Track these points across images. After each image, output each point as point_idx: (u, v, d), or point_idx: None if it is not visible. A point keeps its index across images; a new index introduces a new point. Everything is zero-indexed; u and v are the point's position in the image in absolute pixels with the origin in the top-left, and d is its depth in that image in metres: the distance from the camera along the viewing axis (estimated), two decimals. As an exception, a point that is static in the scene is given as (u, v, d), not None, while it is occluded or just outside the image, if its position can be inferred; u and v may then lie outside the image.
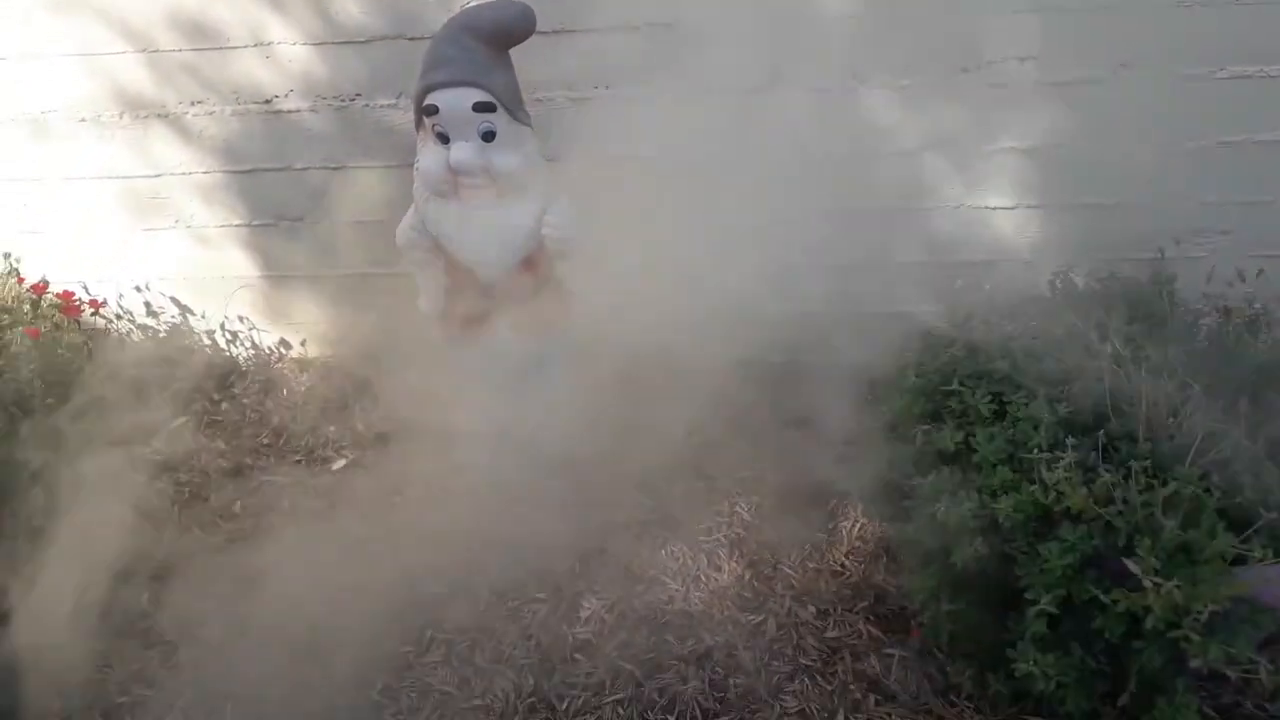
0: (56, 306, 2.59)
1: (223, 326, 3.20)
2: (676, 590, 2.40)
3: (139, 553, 2.59)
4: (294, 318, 3.18)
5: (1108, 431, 1.93)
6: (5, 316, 2.48)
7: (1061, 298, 2.29)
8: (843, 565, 2.43)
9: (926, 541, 1.93)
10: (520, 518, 2.63)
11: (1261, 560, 1.69)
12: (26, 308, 2.54)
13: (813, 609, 2.33)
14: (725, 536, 2.53)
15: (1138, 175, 2.61)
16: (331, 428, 2.96)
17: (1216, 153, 2.61)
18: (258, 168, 2.92)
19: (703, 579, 2.43)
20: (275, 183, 2.94)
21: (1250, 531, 1.71)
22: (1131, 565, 1.73)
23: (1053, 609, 1.78)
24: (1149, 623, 1.71)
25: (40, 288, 2.56)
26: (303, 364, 3.22)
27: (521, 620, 2.35)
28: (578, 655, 2.26)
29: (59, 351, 2.49)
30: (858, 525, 2.52)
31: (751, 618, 2.32)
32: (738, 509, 2.61)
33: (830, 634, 2.27)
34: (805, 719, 2.09)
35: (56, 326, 2.55)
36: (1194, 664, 1.73)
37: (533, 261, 2.50)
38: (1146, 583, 1.69)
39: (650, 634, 2.30)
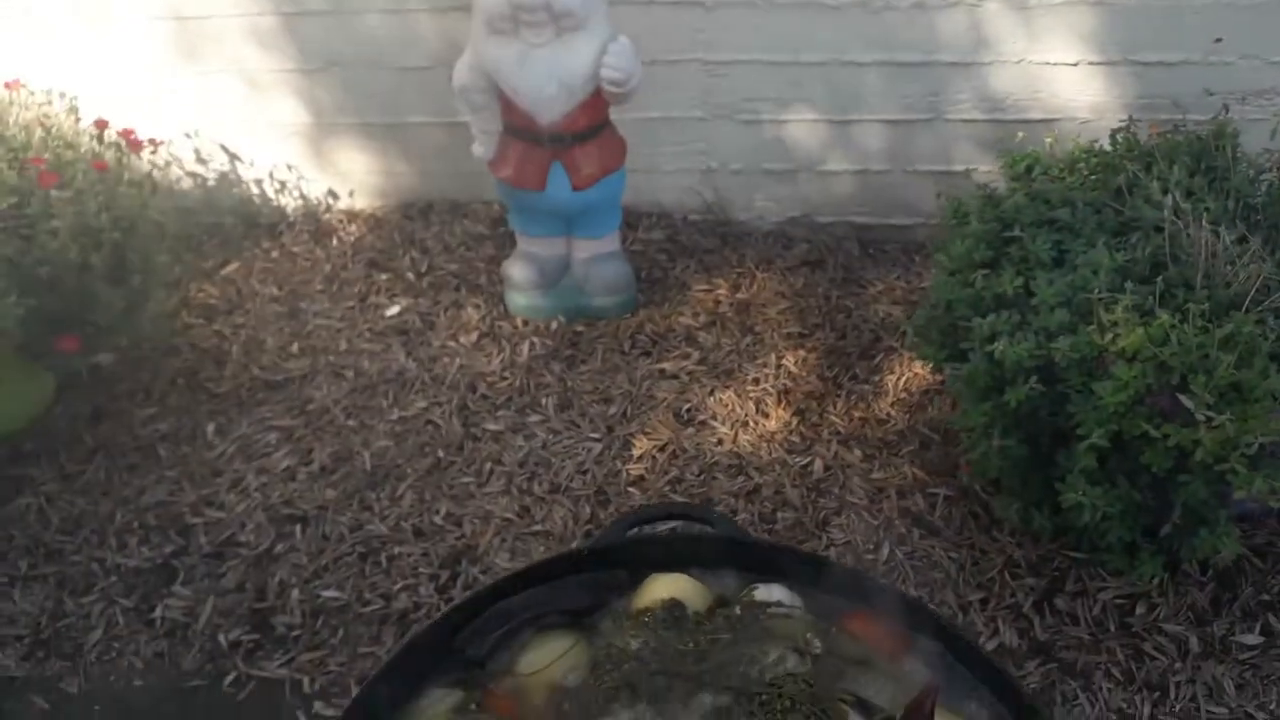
0: (117, 145, 2.61)
1: (271, 175, 3.21)
2: (725, 434, 2.48)
3: (199, 388, 2.68)
4: (342, 167, 3.19)
5: (1166, 279, 1.95)
6: (69, 152, 2.50)
7: (1124, 150, 2.28)
8: (889, 414, 2.50)
9: (981, 380, 1.98)
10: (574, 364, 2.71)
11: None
12: (87, 142, 2.56)
13: (859, 452, 2.41)
14: (773, 387, 2.59)
15: (1203, 32, 2.58)
16: (384, 275, 3.00)
17: (1285, 12, 2.56)
18: (309, 10, 2.89)
19: (751, 424, 2.50)
20: (328, 27, 2.91)
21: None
22: (1185, 400, 1.78)
23: (1104, 443, 1.83)
24: (1198, 455, 1.77)
25: (102, 123, 2.57)
26: (351, 215, 3.24)
27: (576, 457, 2.44)
28: (631, 489, 2.36)
29: (122, 188, 2.52)
30: (904, 378, 2.58)
31: (799, 459, 2.40)
32: (784, 362, 2.66)
33: (876, 475, 2.35)
34: (851, 549, 2.19)
35: (119, 163, 2.57)
36: (1237, 495, 1.80)
37: (590, 105, 2.50)
38: (1199, 416, 1.74)
39: (700, 472, 2.38)
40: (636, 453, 2.44)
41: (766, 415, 2.52)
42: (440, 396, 2.61)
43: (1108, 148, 2.33)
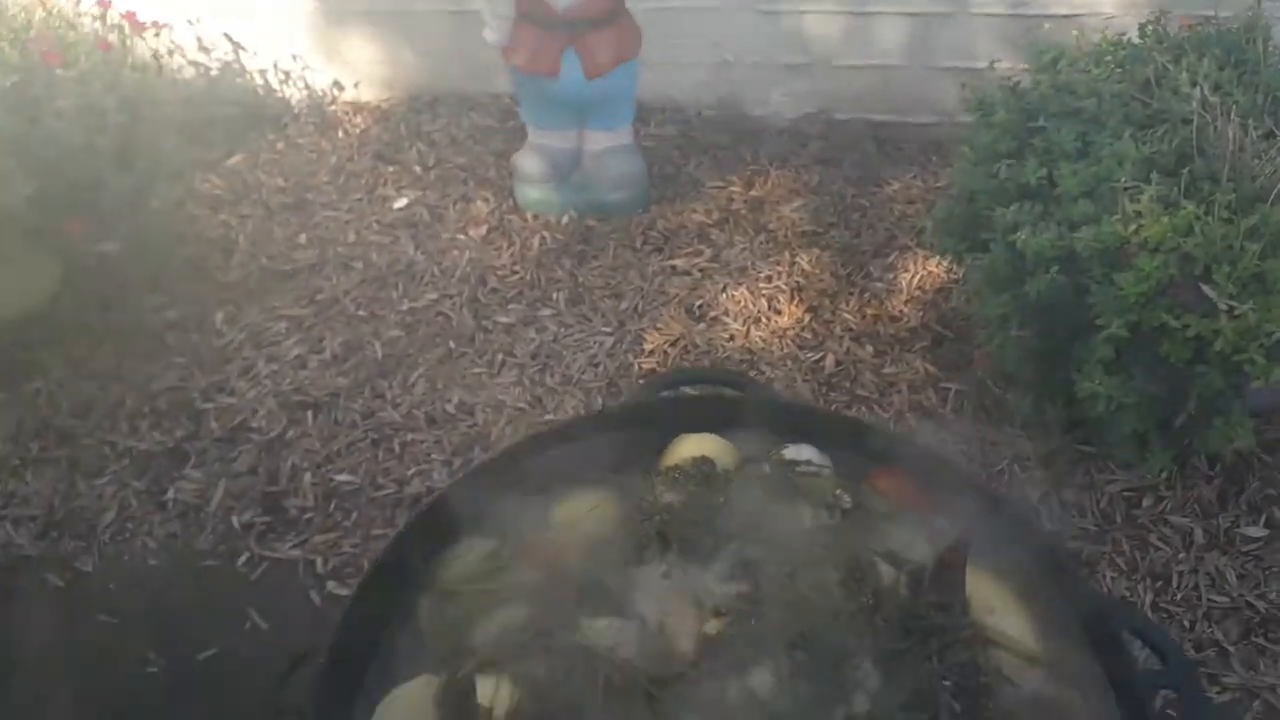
0: (120, 28, 2.54)
1: (275, 65, 3.14)
2: (737, 329, 2.47)
3: (207, 277, 2.66)
4: (348, 57, 3.12)
5: (1192, 171, 1.93)
6: (71, 33, 2.43)
7: (1152, 43, 2.23)
8: (902, 312, 2.49)
9: (1002, 270, 1.97)
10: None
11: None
12: (89, 24, 2.49)
13: (870, 349, 2.40)
14: (786, 284, 2.58)
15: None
16: (391, 168, 2.96)
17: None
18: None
19: (763, 320, 2.49)
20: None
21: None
22: (1208, 290, 1.77)
23: (1123, 332, 1.83)
24: (1217, 345, 1.76)
25: (105, 2, 2.49)
26: (357, 106, 3.18)
27: (588, 350, 2.43)
28: (642, 380, 2.35)
29: (126, 70, 2.46)
30: (918, 276, 2.57)
31: (810, 355, 2.40)
32: (798, 260, 2.64)
33: (887, 370, 2.35)
34: (863, 442, 2.20)
35: (123, 45, 2.50)
36: (1255, 385, 1.80)
37: (607, -10, 2.44)
38: (1221, 306, 1.74)
39: (712, 365, 2.38)
40: (648, 347, 2.43)
41: (779, 312, 2.51)
42: (450, 289, 2.59)
43: (1136, 40, 2.28)
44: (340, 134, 3.10)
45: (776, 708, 0.89)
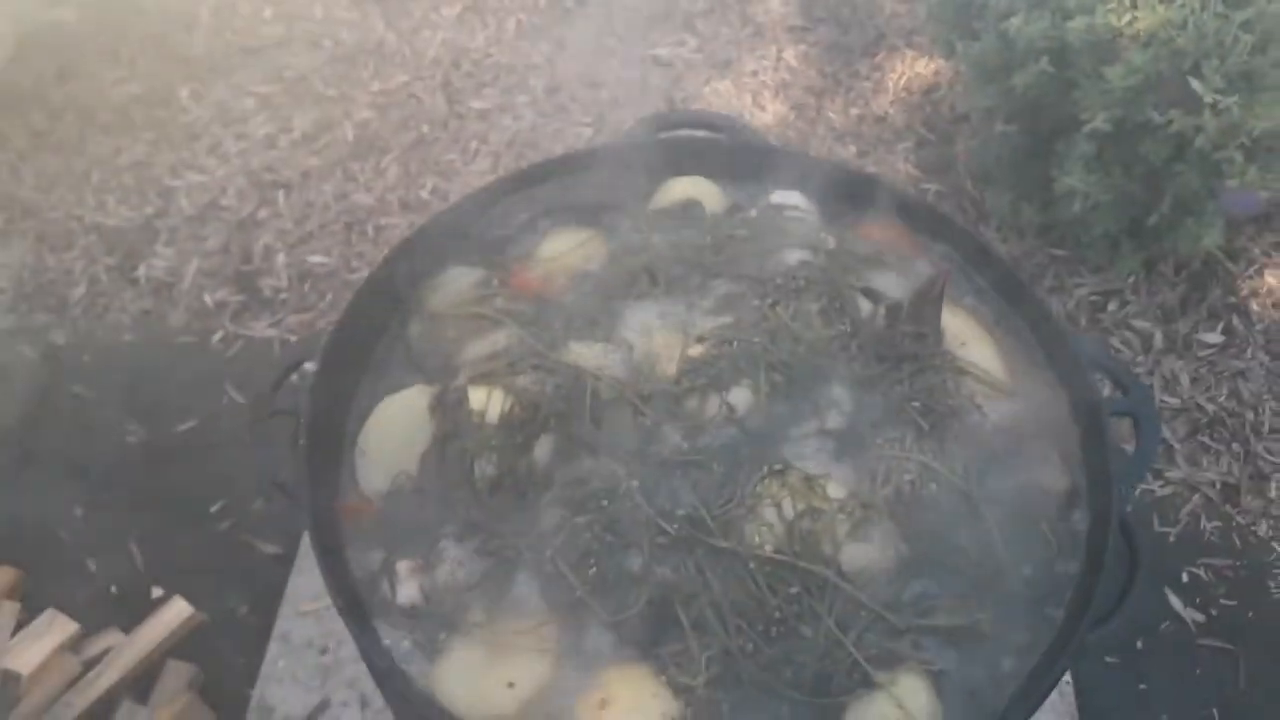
0: None
1: None
2: (718, 124, 2.42)
3: (170, 52, 2.54)
4: None
5: (1192, -37, 1.88)
6: None
7: None
8: (887, 112, 2.45)
9: (992, 60, 1.93)
10: None
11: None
12: None
13: (854, 148, 2.38)
14: (771, 80, 2.52)
15: None
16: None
17: None
18: None
19: (746, 116, 2.44)
20: None
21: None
22: (1195, 84, 1.75)
23: (1107, 127, 1.82)
24: (1198, 142, 1.76)
25: None
26: None
27: (565, 140, 2.39)
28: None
29: None
30: (905, 77, 2.52)
31: (792, 152, 2.37)
32: (784, 55, 2.57)
33: (869, 170, 2.32)
34: (839, 238, 2.20)
35: None
36: (1231, 183, 1.82)
37: None
38: (1207, 98, 1.73)
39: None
40: (625, 128, 2.38)
41: (763, 108, 2.46)
42: (423, 71, 2.51)
43: None
44: None
45: (754, 422, 0.92)
